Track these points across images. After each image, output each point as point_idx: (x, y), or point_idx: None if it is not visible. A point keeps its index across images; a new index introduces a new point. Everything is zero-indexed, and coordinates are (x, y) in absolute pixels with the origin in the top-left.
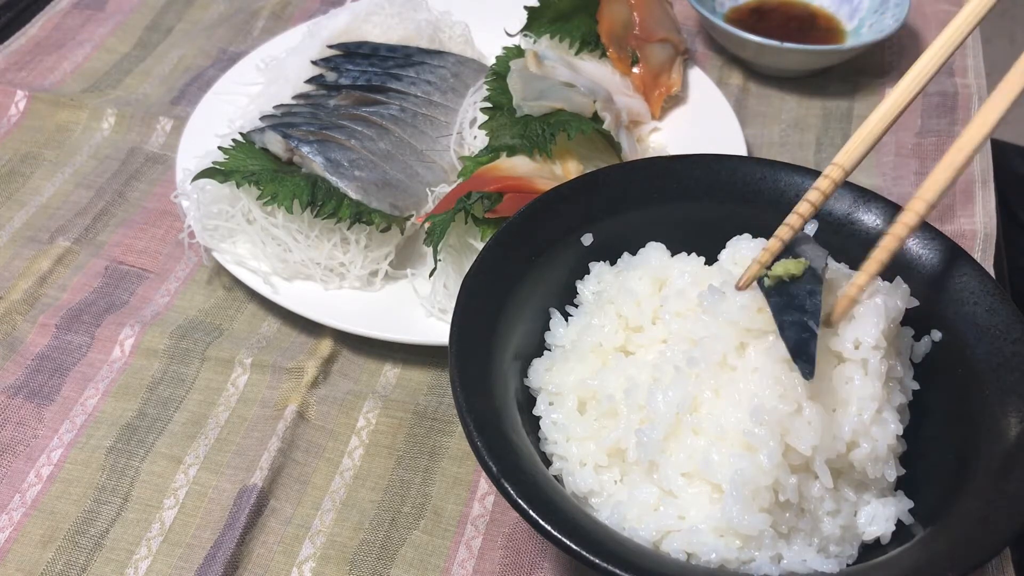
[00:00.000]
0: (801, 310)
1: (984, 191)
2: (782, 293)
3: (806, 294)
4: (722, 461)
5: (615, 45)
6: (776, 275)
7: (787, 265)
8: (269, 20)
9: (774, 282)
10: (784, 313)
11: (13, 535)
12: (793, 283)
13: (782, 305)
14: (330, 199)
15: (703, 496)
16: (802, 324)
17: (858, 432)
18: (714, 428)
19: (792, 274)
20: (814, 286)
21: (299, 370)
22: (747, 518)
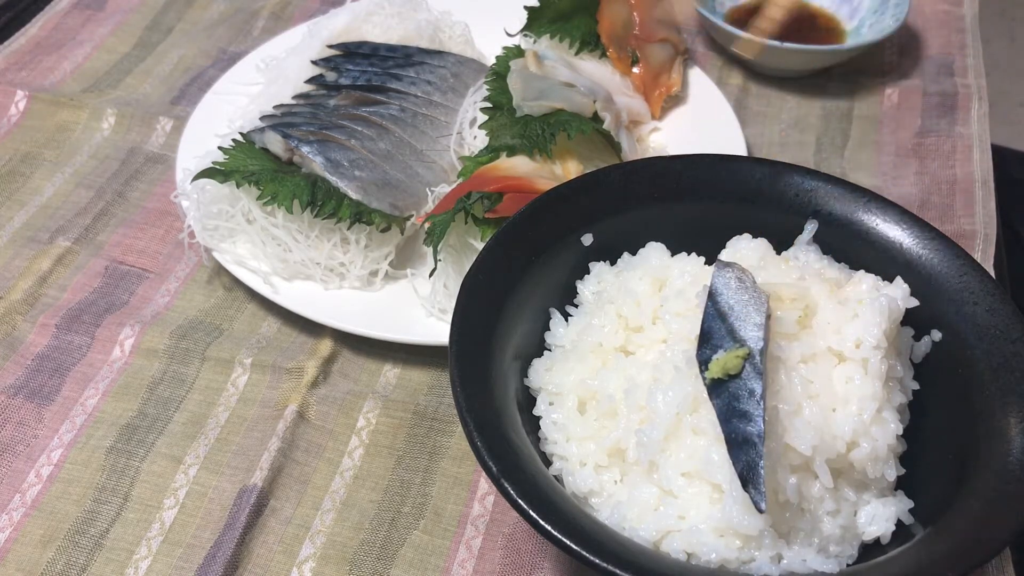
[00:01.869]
0: (744, 417)
1: (984, 191)
2: (723, 393)
3: (747, 395)
4: (722, 461)
5: (615, 45)
6: (714, 376)
7: (724, 362)
8: (269, 20)
9: (712, 382)
10: (729, 423)
11: (13, 535)
12: (732, 381)
13: (725, 411)
14: (330, 199)
15: (703, 496)
16: (748, 442)
17: (858, 432)
18: (714, 428)
19: (729, 372)
20: (754, 384)
21: (299, 370)
22: (747, 518)
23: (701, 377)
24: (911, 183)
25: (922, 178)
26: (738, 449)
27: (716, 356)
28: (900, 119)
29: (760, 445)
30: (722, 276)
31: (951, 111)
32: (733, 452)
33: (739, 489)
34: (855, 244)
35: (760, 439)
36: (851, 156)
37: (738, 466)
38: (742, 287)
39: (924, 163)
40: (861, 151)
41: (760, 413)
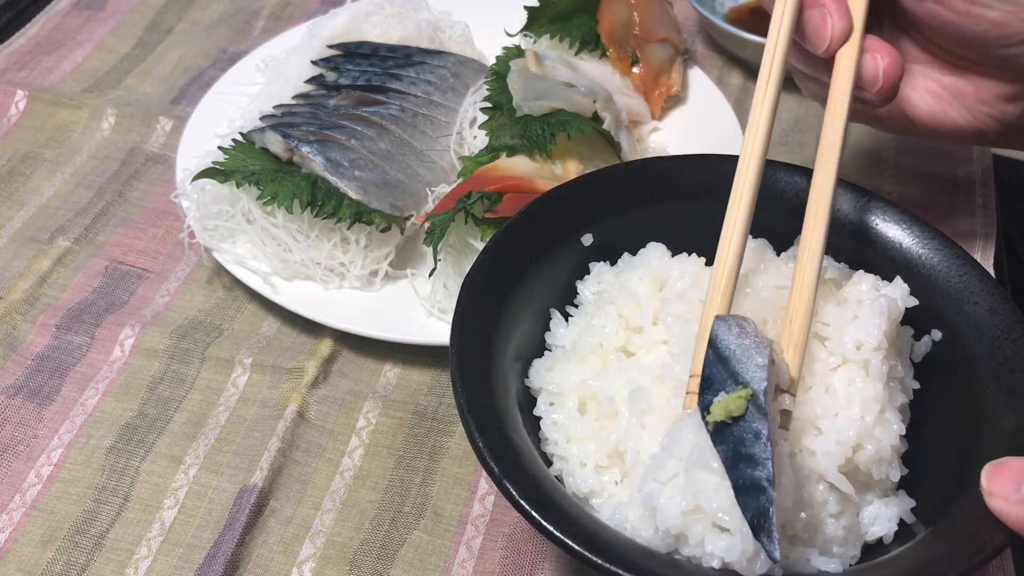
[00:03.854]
0: (751, 462)
1: (984, 191)
2: (727, 439)
3: (752, 437)
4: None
5: (615, 45)
6: (716, 419)
7: (727, 404)
8: (269, 20)
9: (715, 426)
10: (735, 470)
11: (13, 535)
12: (737, 423)
13: (731, 457)
14: (330, 199)
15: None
16: (757, 487)
17: (862, 435)
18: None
19: (733, 415)
20: (759, 425)
21: (299, 370)
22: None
23: (704, 425)
24: (911, 183)
25: (922, 178)
26: (747, 496)
27: (717, 399)
28: None
29: (770, 489)
30: (723, 324)
31: None
32: (741, 499)
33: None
34: (855, 244)
35: (770, 483)
36: (850, 156)
37: (748, 514)
38: (743, 333)
39: (924, 163)
40: (860, 151)
41: (768, 456)
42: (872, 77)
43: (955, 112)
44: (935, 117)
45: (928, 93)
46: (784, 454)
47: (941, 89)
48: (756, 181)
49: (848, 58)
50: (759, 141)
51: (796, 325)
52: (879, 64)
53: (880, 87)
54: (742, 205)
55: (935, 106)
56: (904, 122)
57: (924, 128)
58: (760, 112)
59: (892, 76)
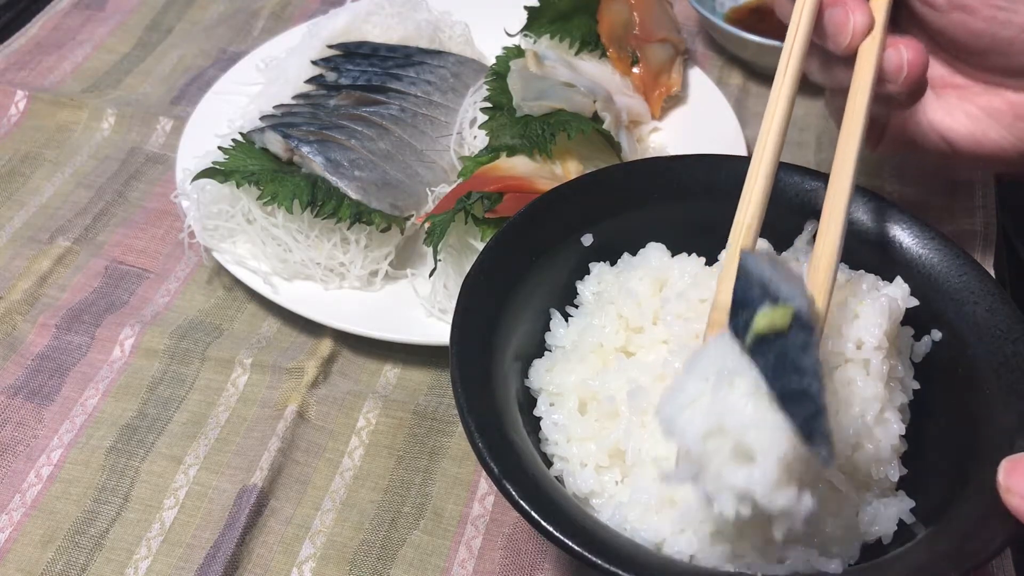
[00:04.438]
0: (798, 372)
1: (984, 191)
2: (769, 353)
3: (799, 349)
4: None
5: (615, 45)
6: (759, 332)
7: (771, 317)
8: (269, 20)
9: (756, 340)
10: (779, 379)
11: (13, 535)
12: (780, 338)
13: (774, 370)
14: (330, 199)
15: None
16: (805, 395)
17: (862, 434)
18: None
19: (777, 328)
20: (806, 338)
21: (299, 370)
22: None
23: (739, 343)
24: (911, 183)
25: (922, 178)
26: (793, 404)
27: (761, 311)
28: None
29: (821, 397)
30: (751, 256)
31: None
32: (788, 408)
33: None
34: (855, 244)
35: (820, 392)
36: None
37: (796, 420)
38: (775, 263)
39: (924, 163)
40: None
41: (817, 368)
42: (896, 68)
43: (994, 132)
44: (974, 139)
45: (964, 115)
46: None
47: (977, 110)
48: (788, 107)
49: (869, 52)
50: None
51: (822, 270)
52: (903, 55)
53: (906, 76)
54: (770, 137)
55: (973, 128)
56: (943, 147)
57: (966, 152)
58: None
59: (917, 65)
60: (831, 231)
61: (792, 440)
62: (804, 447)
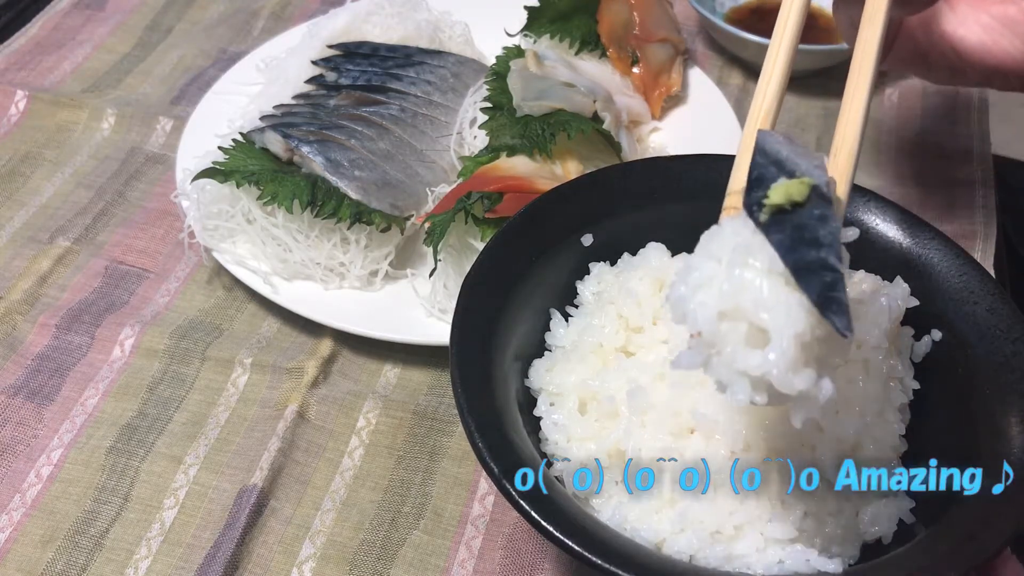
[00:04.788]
0: (815, 244)
1: (984, 191)
2: (785, 226)
3: (816, 222)
4: (772, 300)
5: (615, 45)
6: (774, 203)
7: (788, 188)
8: (269, 20)
9: (772, 213)
10: (794, 252)
11: (13, 535)
12: (796, 211)
13: (790, 243)
14: (330, 199)
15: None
16: (822, 263)
17: (861, 433)
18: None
19: (794, 200)
20: (823, 209)
21: (299, 370)
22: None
23: (752, 220)
24: (911, 183)
25: (922, 178)
26: (809, 275)
27: (776, 184)
28: (900, 119)
29: (838, 266)
30: (768, 134)
31: (951, 111)
32: (803, 280)
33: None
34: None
35: (838, 260)
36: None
37: (812, 292)
38: (792, 142)
39: (924, 163)
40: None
41: (836, 237)
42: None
43: (1006, 41)
44: (985, 49)
45: (977, 24)
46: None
47: (990, 19)
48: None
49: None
50: None
51: (843, 156)
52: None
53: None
54: (792, 14)
55: (984, 37)
56: (953, 60)
57: (975, 63)
58: None
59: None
60: (853, 110)
61: (809, 318)
62: (820, 321)
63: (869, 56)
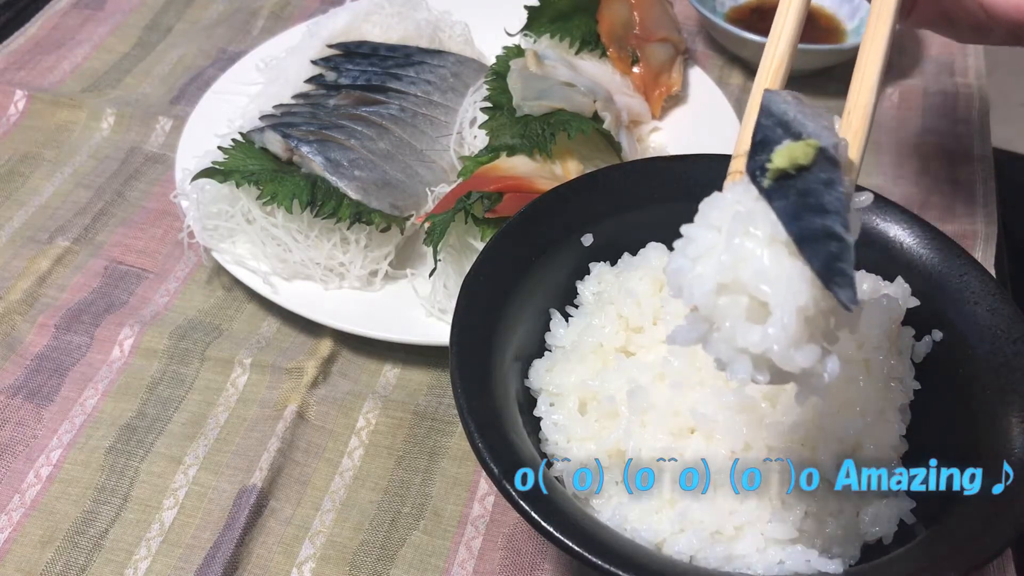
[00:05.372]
0: (820, 211)
1: (985, 191)
2: (789, 192)
3: (822, 186)
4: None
5: (615, 45)
6: (777, 168)
7: (791, 151)
8: (269, 20)
9: (775, 177)
10: (798, 219)
11: (12, 535)
12: (801, 175)
13: (794, 210)
14: (330, 199)
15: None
16: (827, 232)
17: (862, 433)
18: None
19: (799, 163)
20: (831, 174)
21: (299, 370)
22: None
23: (756, 186)
24: (912, 183)
25: (923, 178)
26: (814, 244)
27: (780, 147)
28: (901, 119)
29: (846, 236)
30: (775, 94)
31: (952, 111)
32: (807, 249)
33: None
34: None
35: (844, 228)
36: None
37: (815, 263)
38: (800, 103)
39: (925, 163)
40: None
41: (843, 203)
42: None
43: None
44: (1015, 4)
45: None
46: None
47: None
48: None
49: None
50: None
51: (857, 116)
52: None
53: None
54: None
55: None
56: (980, 17)
57: (1003, 18)
58: None
59: None
60: (869, 65)
61: (813, 290)
62: (825, 294)
63: (888, 10)
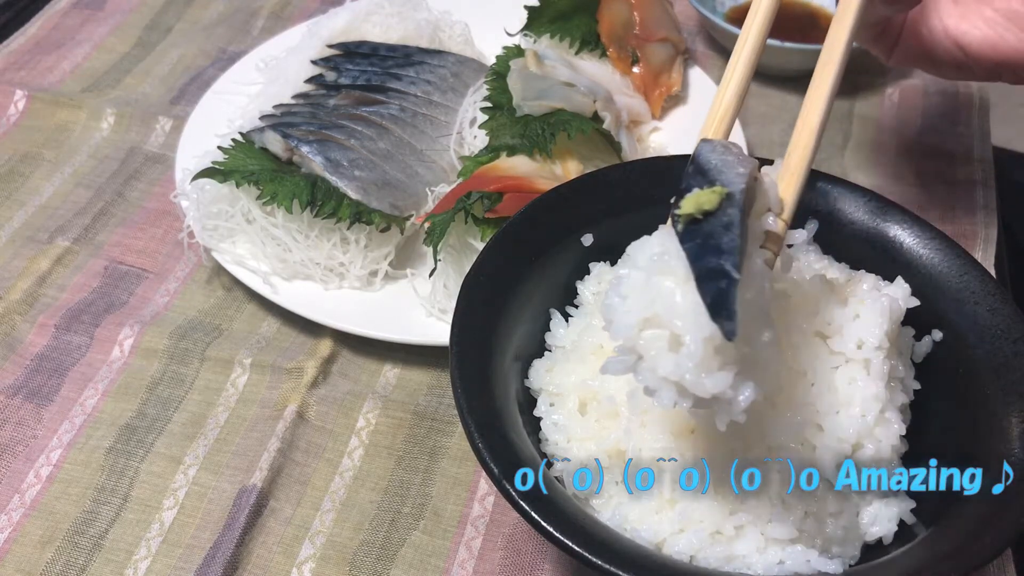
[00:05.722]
0: (717, 251)
1: (985, 191)
2: (696, 235)
3: (722, 229)
4: (686, 305)
5: (615, 45)
6: (686, 213)
7: (698, 198)
8: (269, 20)
9: (686, 222)
10: (699, 261)
11: (12, 535)
12: (708, 219)
13: (697, 251)
14: (330, 199)
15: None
16: (719, 270)
17: (862, 434)
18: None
19: (704, 208)
20: (731, 216)
21: (299, 370)
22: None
23: (674, 229)
24: (912, 183)
25: (923, 178)
26: (707, 282)
27: (689, 195)
28: (901, 119)
29: (733, 273)
30: (708, 144)
31: (952, 111)
32: (703, 287)
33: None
34: (855, 244)
35: (734, 267)
36: (851, 156)
37: (707, 297)
38: (727, 151)
39: (925, 163)
40: (862, 151)
41: (735, 245)
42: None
43: (1011, 36)
44: (990, 44)
45: (981, 19)
46: (758, 272)
47: (994, 13)
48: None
49: None
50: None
51: (796, 156)
52: None
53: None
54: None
55: (989, 32)
56: (958, 56)
57: (980, 58)
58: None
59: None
60: (812, 111)
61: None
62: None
63: (835, 56)
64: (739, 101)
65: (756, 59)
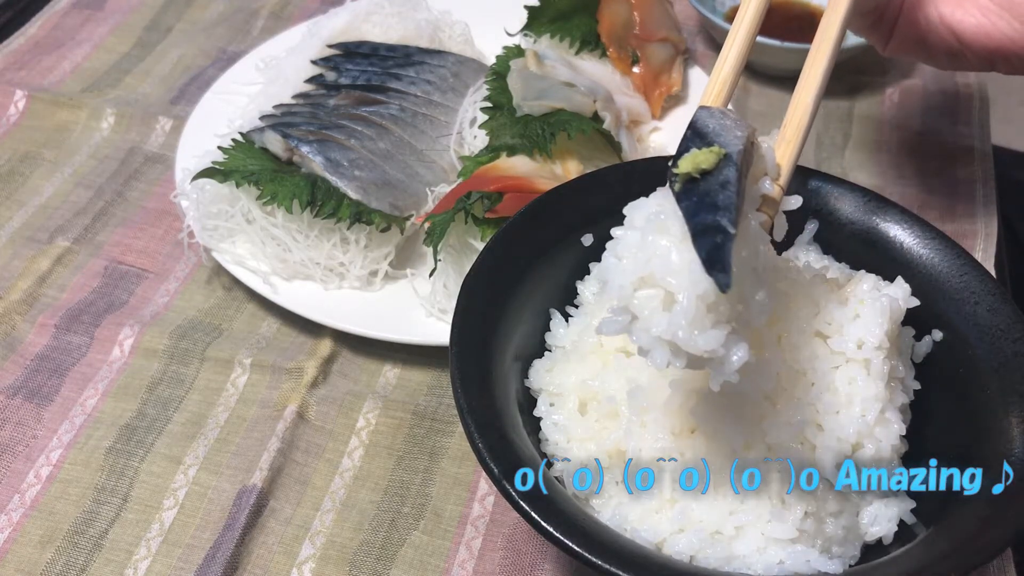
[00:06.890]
0: (713, 208)
1: (985, 191)
2: (692, 194)
3: (719, 187)
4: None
5: (615, 45)
6: (683, 172)
7: (695, 158)
8: (269, 20)
9: (683, 181)
10: (695, 218)
11: (12, 535)
12: (705, 179)
13: (694, 208)
14: (330, 199)
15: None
16: (714, 226)
17: (862, 433)
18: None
19: (702, 168)
20: (727, 175)
21: (299, 370)
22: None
23: (671, 190)
24: (912, 183)
25: (923, 178)
26: (703, 238)
27: (686, 154)
28: (901, 119)
29: (730, 228)
30: (705, 110)
31: (952, 110)
32: (698, 242)
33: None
34: (855, 244)
35: (730, 223)
36: (852, 156)
37: (702, 252)
38: (724, 116)
39: (925, 163)
40: (862, 151)
41: (731, 202)
42: None
43: (1004, 24)
44: (984, 32)
45: (975, 7)
46: (754, 233)
47: (988, 2)
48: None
49: None
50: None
51: (791, 128)
52: None
53: None
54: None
55: (983, 20)
56: (952, 44)
57: (975, 46)
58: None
59: None
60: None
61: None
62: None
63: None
64: (737, 73)
65: (758, 23)
